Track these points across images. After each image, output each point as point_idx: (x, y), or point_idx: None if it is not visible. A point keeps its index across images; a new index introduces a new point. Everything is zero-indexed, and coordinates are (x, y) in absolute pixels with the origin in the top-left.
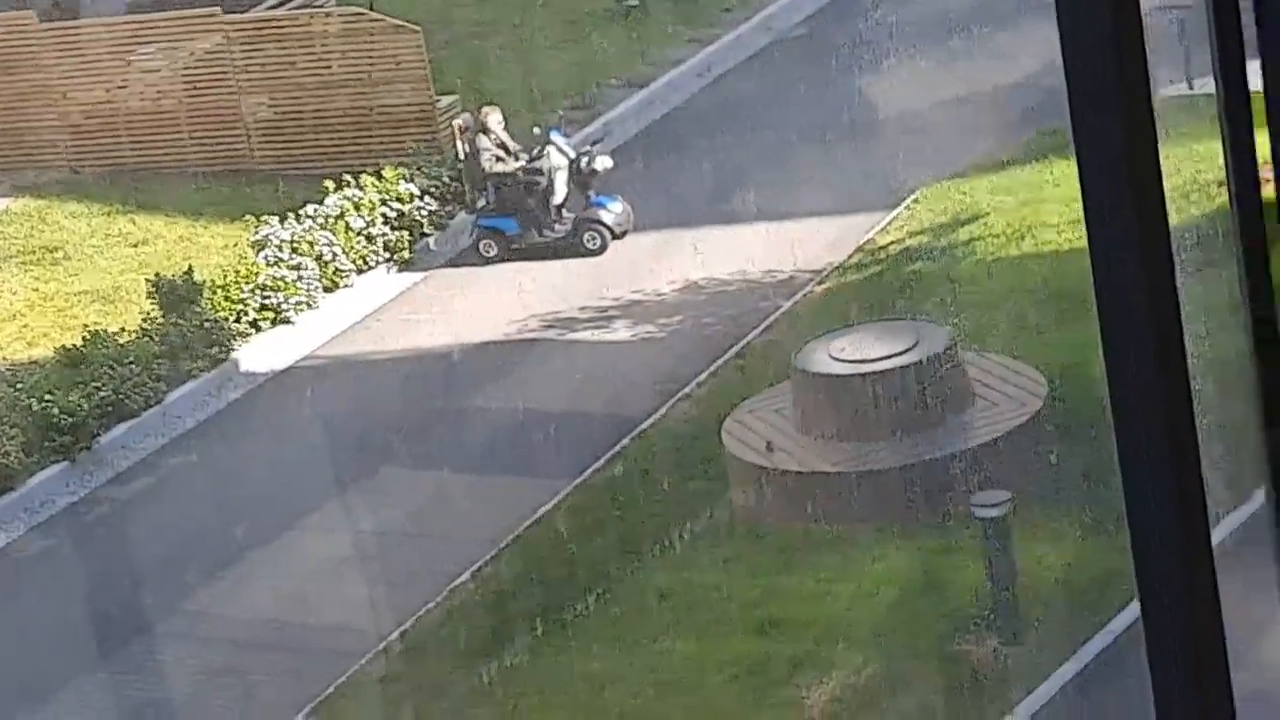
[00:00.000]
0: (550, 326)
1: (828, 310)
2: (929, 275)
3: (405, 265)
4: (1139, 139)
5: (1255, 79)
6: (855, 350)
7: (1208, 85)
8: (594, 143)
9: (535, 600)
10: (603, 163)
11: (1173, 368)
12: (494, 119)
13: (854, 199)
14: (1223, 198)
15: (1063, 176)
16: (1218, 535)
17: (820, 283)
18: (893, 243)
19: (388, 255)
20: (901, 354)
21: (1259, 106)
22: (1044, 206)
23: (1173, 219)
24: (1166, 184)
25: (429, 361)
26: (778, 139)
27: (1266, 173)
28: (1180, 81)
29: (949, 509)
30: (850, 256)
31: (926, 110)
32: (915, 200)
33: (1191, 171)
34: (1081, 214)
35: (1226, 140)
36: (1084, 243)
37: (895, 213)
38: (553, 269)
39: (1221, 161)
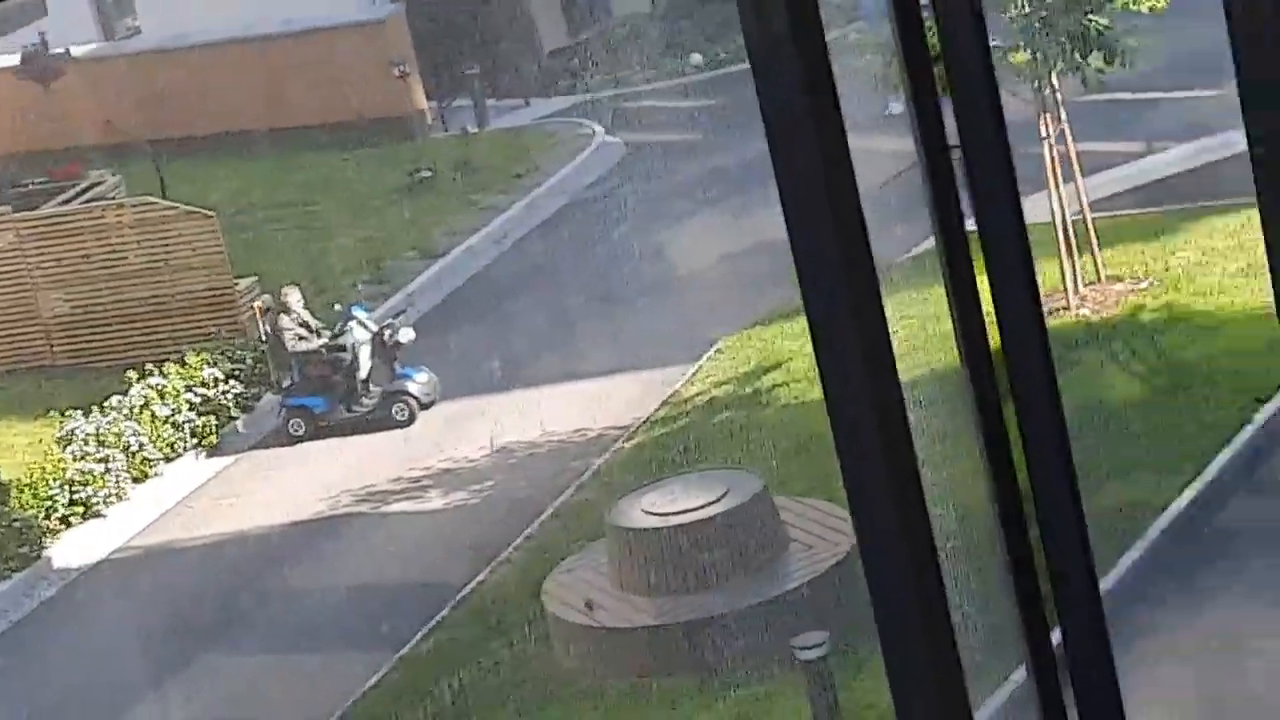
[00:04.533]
0: (363, 501)
1: (638, 465)
2: (735, 423)
3: (214, 450)
4: (864, 305)
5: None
6: (666, 503)
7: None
8: (396, 315)
9: None
10: (406, 335)
11: (916, 530)
12: (294, 298)
13: (656, 355)
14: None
15: None
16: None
17: (629, 439)
18: (698, 394)
19: (195, 441)
20: (713, 503)
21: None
22: None
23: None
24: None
25: (243, 545)
26: (577, 300)
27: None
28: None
29: (772, 654)
30: (656, 410)
31: (721, 262)
32: (718, 351)
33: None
34: None
35: (950, 292)
36: None
37: (698, 364)
38: (362, 443)
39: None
